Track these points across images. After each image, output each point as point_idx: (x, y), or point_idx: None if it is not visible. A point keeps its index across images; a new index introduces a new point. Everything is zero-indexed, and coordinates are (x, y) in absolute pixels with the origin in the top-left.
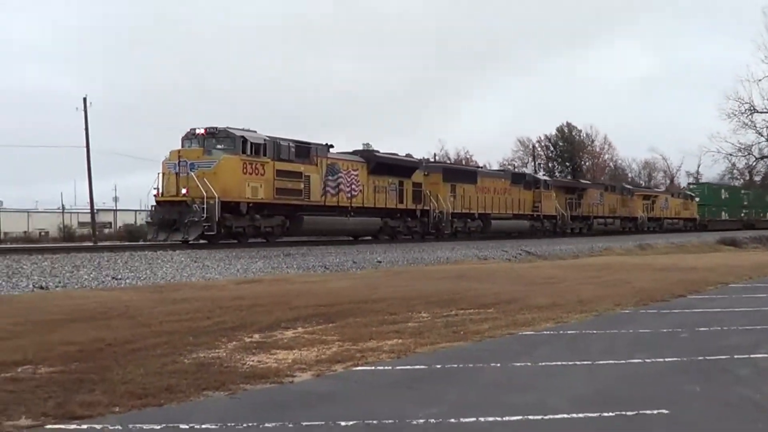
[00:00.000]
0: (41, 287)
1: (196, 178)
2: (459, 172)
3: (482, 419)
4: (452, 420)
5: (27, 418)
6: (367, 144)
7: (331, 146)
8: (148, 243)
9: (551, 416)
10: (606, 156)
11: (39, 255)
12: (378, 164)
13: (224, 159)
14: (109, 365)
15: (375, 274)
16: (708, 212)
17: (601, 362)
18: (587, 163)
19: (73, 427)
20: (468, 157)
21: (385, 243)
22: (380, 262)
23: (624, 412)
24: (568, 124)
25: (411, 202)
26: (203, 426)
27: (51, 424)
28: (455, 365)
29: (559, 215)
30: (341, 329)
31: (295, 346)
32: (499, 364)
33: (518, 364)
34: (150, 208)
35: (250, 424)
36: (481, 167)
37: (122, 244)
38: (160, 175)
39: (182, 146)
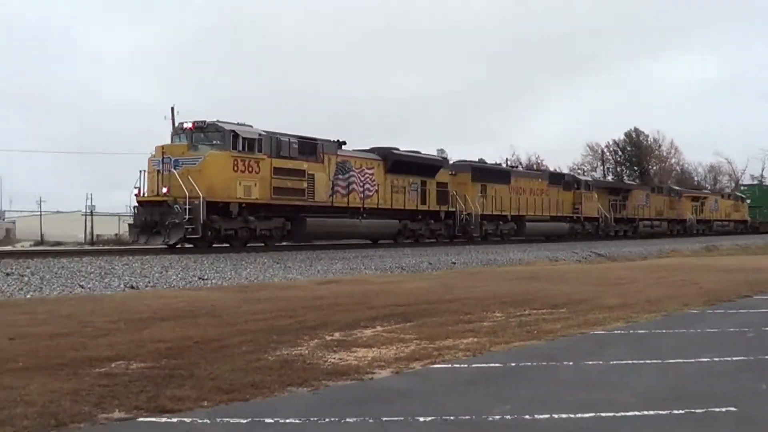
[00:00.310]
0: (132, 287)
1: (179, 176)
2: (490, 172)
3: (555, 416)
4: (527, 416)
5: (120, 411)
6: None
7: (344, 143)
8: (232, 245)
9: (623, 413)
10: (672, 160)
11: (130, 256)
12: (396, 162)
13: (210, 155)
14: (197, 362)
15: (450, 275)
16: (759, 214)
17: (671, 361)
18: (654, 168)
19: (164, 420)
20: (539, 162)
21: (459, 245)
22: (455, 263)
23: (693, 410)
24: (636, 129)
25: (435, 203)
26: (287, 420)
27: (143, 417)
28: (529, 363)
29: (602, 217)
30: (419, 328)
31: (375, 344)
32: (571, 363)
33: (590, 362)
34: (132, 210)
35: (332, 419)
36: (515, 167)
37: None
38: (144, 173)
39: (171, 142)
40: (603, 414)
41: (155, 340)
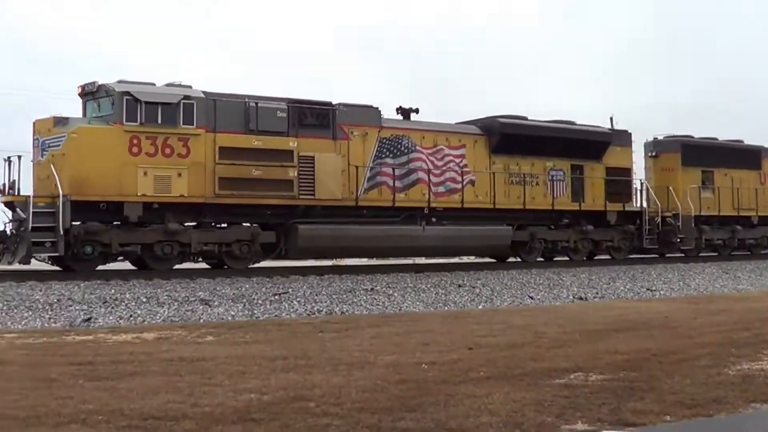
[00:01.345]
0: (580, 298)
1: (38, 166)
2: (718, 151)
3: None
4: None
5: (583, 423)
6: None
7: (414, 110)
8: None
9: None
10: None
11: (576, 268)
12: (510, 137)
13: (78, 130)
14: (655, 375)
15: None
16: None
17: None
18: None
19: None
20: None
21: None
22: None
23: None
24: None
25: (600, 199)
26: None
27: (606, 429)
28: None
29: None
30: None
31: None
32: None
33: None
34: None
35: None
36: None
37: (652, 257)
38: (12, 162)
39: None
40: None
41: (611, 352)
